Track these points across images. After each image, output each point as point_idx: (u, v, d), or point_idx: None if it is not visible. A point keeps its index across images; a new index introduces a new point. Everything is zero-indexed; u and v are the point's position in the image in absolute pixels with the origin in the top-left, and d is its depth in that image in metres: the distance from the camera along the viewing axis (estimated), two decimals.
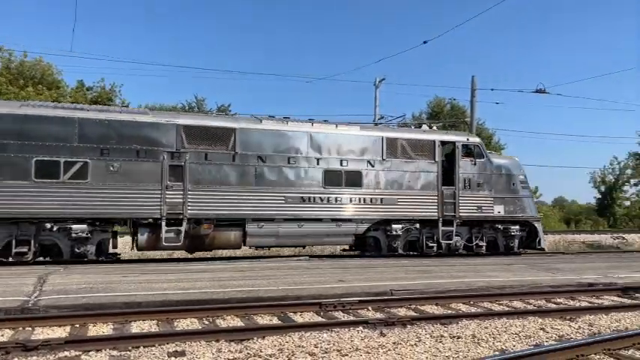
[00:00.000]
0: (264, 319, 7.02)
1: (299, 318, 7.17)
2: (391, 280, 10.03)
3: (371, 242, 15.42)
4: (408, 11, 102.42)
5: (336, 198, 14.65)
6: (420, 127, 17.45)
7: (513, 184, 16.59)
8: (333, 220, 14.66)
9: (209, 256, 16.26)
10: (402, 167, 15.41)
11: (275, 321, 6.95)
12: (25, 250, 12.15)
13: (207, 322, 6.78)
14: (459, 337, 6.05)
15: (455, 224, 15.82)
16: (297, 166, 14.35)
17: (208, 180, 13.52)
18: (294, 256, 15.47)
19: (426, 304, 8.21)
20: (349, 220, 14.81)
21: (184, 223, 13.21)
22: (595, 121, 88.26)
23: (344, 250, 17.61)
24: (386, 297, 8.32)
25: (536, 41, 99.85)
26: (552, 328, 6.67)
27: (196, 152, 13.46)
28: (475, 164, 16.17)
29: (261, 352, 5.38)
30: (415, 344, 5.73)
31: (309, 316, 7.29)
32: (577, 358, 5.22)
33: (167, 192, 13.11)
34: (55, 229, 12.39)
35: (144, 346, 5.49)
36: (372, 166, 15.07)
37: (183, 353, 5.28)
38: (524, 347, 5.64)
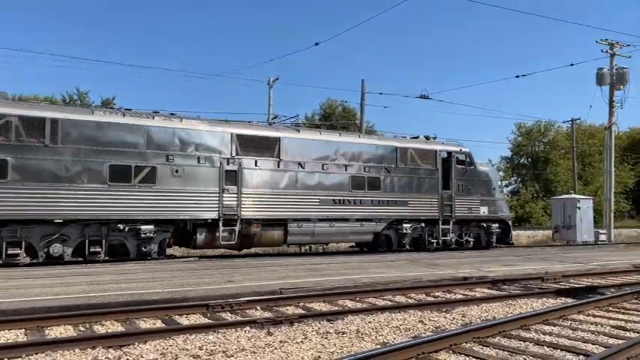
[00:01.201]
0: (147, 324, 6.71)
1: (185, 320, 6.95)
2: (282, 279, 10.08)
3: (383, 239, 17.34)
4: (301, 11, 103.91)
5: (360, 200, 16.51)
6: (418, 137, 19.29)
7: (493, 188, 19.46)
8: (358, 219, 16.47)
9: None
10: (411, 173, 17.65)
11: (159, 324, 6.68)
12: (98, 249, 12.85)
13: (83, 329, 6.35)
14: (344, 333, 6.21)
15: (451, 223, 18.19)
16: (329, 172, 16.06)
17: (258, 184, 14.86)
18: (184, 257, 15.04)
19: (314, 301, 8.33)
20: (370, 220, 16.74)
21: (238, 224, 14.38)
22: (473, 126, 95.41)
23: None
24: (275, 296, 8.33)
25: (422, 47, 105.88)
26: (430, 320, 7.07)
27: (248, 159, 14.76)
28: (466, 171, 18.79)
29: (142, 357, 5.14)
30: (302, 341, 5.80)
31: (195, 318, 7.09)
32: (451, 347, 5.58)
33: (224, 195, 14.28)
34: (126, 229, 13.11)
35: (8, 359, 5.02)
36: (388, 172, 17.16)
37: None
38: (404, 339, 5.92)
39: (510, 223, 20.09)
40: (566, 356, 5.44)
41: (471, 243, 18.89)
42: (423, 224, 17.78)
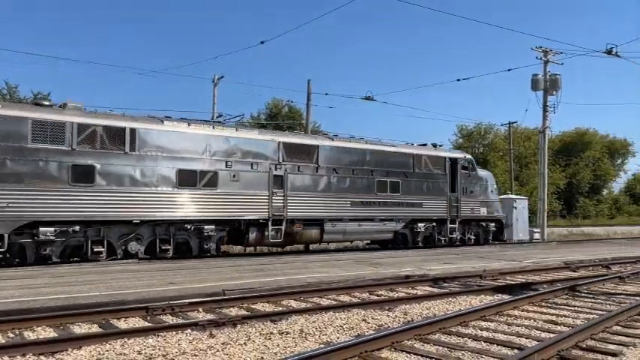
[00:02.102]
0: (82, 329, 6.45)
1: (123, 324, 6.72)
2: (226, 280, 9.94)
3: (400, 237, 19.00)
4: (248, 11, 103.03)
5: (384, 202, 18.20)
6: (426, 145, 21.08)
7: (491, 191, 21.84)
8: (381, 219, 18.18)
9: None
10: (425, 178, 19.45)
11: (95, 329, 6.43)
12: (168, 247, 13.99)
13: (12, 336, 6.02)
14: (287, 333, 6.19)
15: (457, 222, 20.16)
16: (358, 177, 17.70)
17: (300, 187, 16.29)
18: (121, 259, 14.58)
19: (258, 302, 8.26)
20: (391, 220, 18.48)
21: (284, 223, 15.76)
22: (416, 128, 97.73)
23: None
24: (218, 297, 8.20)
25: (366, 49, 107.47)
26: (373, 318, 7.16)
27: (292, 164, 16.15)
28: (469, 176, 20.88)
29: None
30: (244, 343, 5.73)
31: (134, 322, 6.87)
32: (392, 344, 5.67)
33: (273, 197, 15.58)
34: (191, 229, 14.34)
35: None
36: (406, 177, 18.94)
37: None
38: (348, 338, 5.96)
39: (503, 222, 22.52)
40: (502, 350, 5.64)
41: (472, 240, 21.02)
42: (434, 223, 19.69)
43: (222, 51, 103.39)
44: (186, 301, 7.71)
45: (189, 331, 6.20)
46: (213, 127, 15.30)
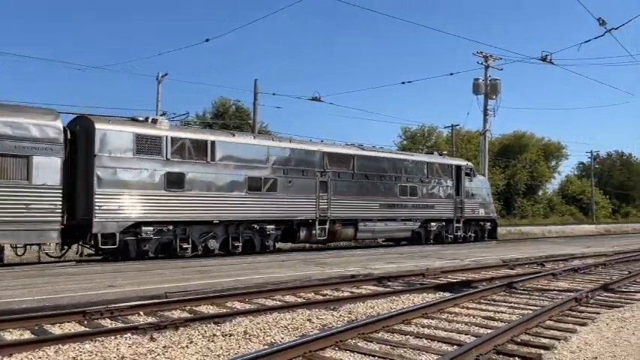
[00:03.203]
0: (13, 335, 6.13)
1: (58, 330, 6.43)
2: (168, 282, 9.72)
3: (415, 236, 21.53)
4: (193, 8, 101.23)
5: (405, 204, 20.91)
6: (432, 153, 24.46)
7: (488, 194, 25.17)
8: (402, 220, 20.85)
9: None
10: (436, 183, 22.30)
11: (27, 335, 6.13)
12: (238, 244, 16.14)
13: None
14: (231, 335, 6.11)
15: (461, 222, 23.04)
16: (384, 182, 20.32)
17: (340, 192, 18.69)
18: (60, 261, 14.00)
19: (202, 304, 8.12)
20: (410, 220, 21.16)
21: (328, 223, 18.11)
22: (362, 129, 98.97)
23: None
24: (160, 300, 8.00)
25: (314, 50, 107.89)
26: (318, 318, 7.17)
27: (333, 171, 18.52)
28: (471, 180, 23.84)
29: None
30: (186, 346, 5.61)
31: (70, 327, 6.59)
32: (336, 343, 5.70)
33: (319, 200, 17.93)
34: (256, 228, 16.52)
35: None
36: (422, 182, 21.71)
37: None
38: (292, 339, 5.95)
39: (497, 221, 25.98)
40: (442, 347, 5.79)
41: (472, 238, 23.88)
42: (443, 223, 22.49)
43: (166, 48, 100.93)
44: (126, 304, 7.48)
45: (129, 335, 6.01)
46: (273, 139, 18.48)
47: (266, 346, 5.61)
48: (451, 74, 30.22)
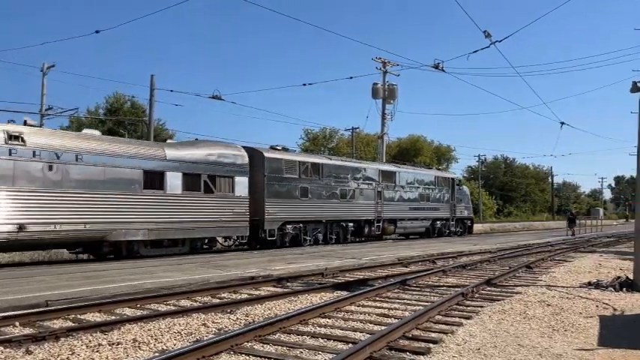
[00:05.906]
0: None
1: None
2: (50, 289, 8.99)
3: (425, 231, 28.49)
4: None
5: (423, 208, 27.84)
6: (431, 168, 36.02)
7: (468, 199, 33.32)
8: (421, 219, 27.70)
9: None
10: (440, 191, 29.64)
11: None
12: (332, 237, 22.27)
13: None
14: (119, 344, 5.74)
15: (454, 220, 30.58)
16: (411, 191, 27.25)
17: (388, 199, 25.35)
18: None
19: (88, 312, 7.59)
20: (425, 219, 28.08)
21: (382, 222, 24.62)
22: (265, 129, 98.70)
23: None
24: (39, 309, 7.36)
25: (215, 46, 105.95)
26: (213, 322, 6.96)
27: (384, 184, 25.20)
28: (460, 189, 32.01)
29: None
30: (67, 358, 5.19)
31: None
32: (232, 347, 5.56)
33: (377, 205, 24.45)
34: (343, 225, 22.86)
35: None
36: (432, 190, 28.91)
37: None
38: (185, 345, 5.71)
39: (474, 220, 35.00)
40: (338, 345, 5.85)
41: (459, 232, 31.24)
42: (444, 221, 29.77)
43: (52, 38, 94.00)
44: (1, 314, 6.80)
45: (1, 349, 5.46)
46: (352, 161, 25.86)
47: (157, 354, 5.34)
48: (351, 78, 31.02)
